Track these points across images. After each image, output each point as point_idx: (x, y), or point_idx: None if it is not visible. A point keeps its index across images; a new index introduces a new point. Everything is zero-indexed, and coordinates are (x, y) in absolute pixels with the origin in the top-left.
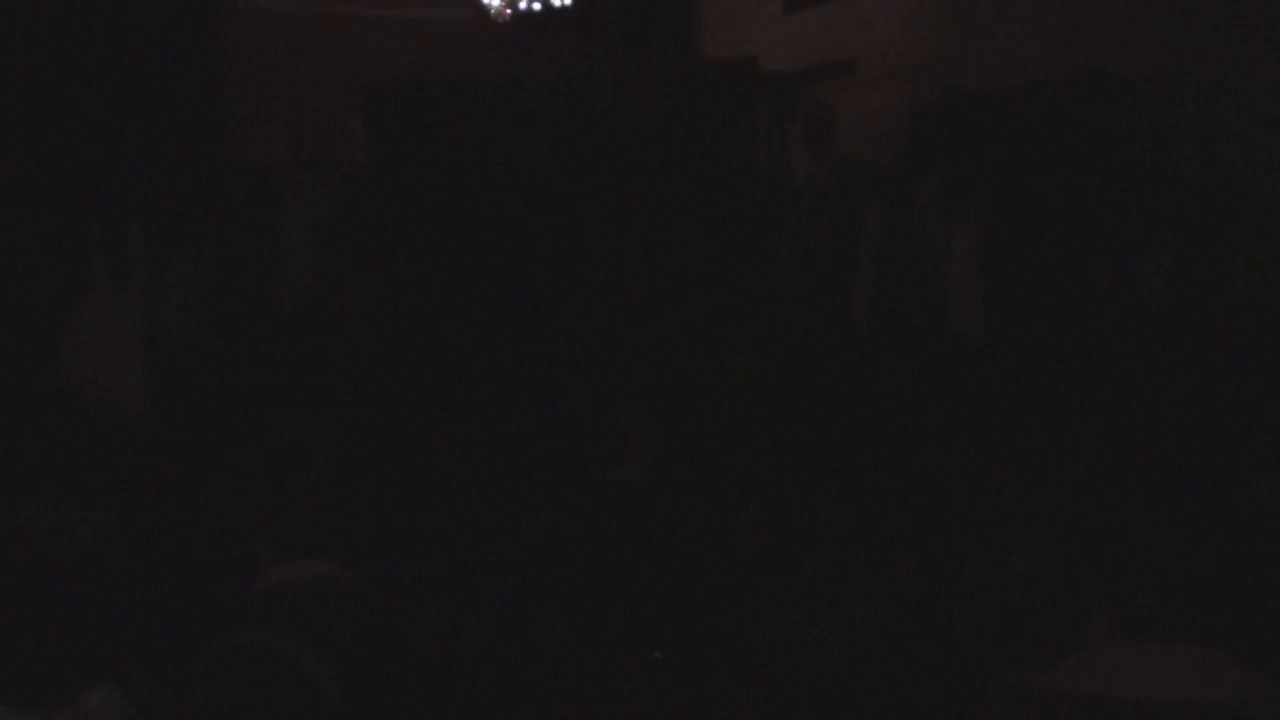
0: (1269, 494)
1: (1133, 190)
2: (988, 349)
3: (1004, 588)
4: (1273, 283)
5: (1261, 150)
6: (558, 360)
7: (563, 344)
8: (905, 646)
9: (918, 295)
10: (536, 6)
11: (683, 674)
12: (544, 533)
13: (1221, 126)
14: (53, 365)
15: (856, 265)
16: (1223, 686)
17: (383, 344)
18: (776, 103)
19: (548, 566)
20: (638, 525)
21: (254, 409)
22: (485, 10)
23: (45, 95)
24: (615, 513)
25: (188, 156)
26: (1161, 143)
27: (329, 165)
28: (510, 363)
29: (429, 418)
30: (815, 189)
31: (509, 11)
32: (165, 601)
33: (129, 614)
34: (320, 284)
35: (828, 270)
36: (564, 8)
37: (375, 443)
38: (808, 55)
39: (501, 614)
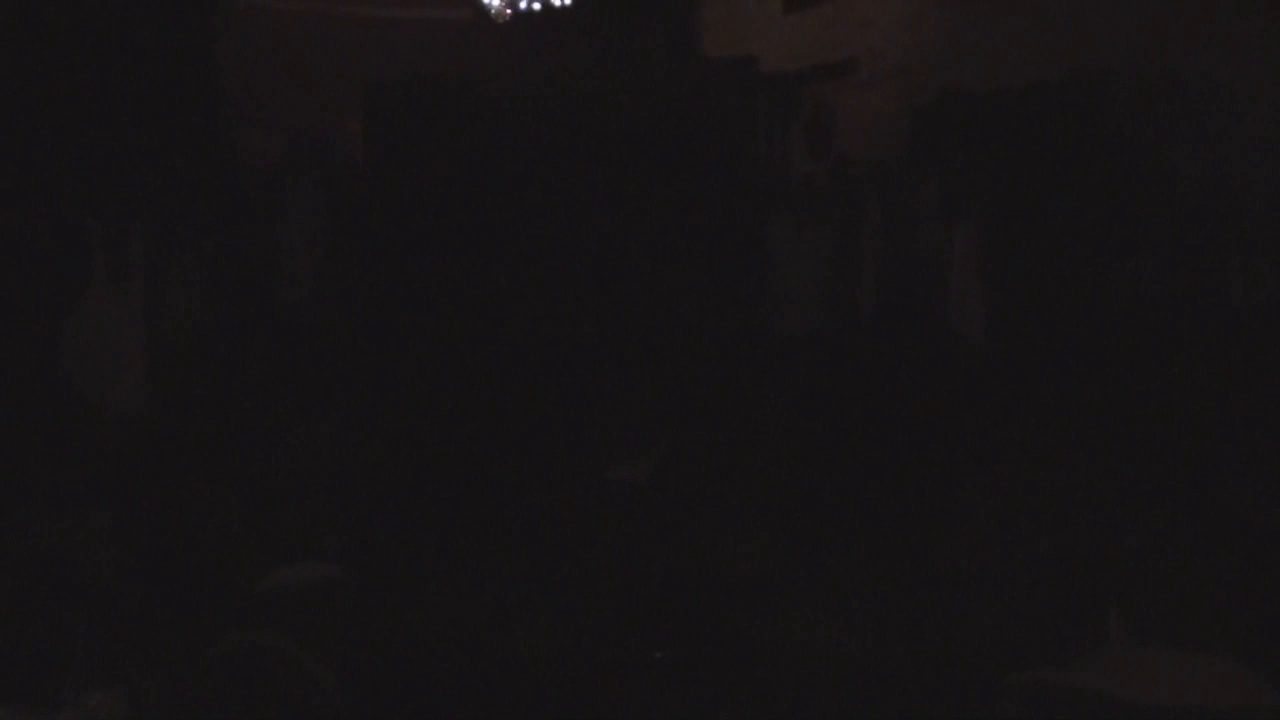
0: (1266, 496)
1: (1132, 190)
2: (987, 349)
3: (1006, 586)
4: (1273, 283)
5: (1261, 150)
6: (560, 359)
7: (565, 343)
8: (909, 646)
9: (918, 295)
10: (536, 6)
11: (683, 674)
12: (545, 532)
13: (1221, 126)
14: (53, 365)
15: (857, 265)
16: (1233, 694)
17: (382, 343)
18: (776, 103)
19: (548, 566)
20: (639, 525)
21: (253, 409)
22: (485, 10)
23: (45, 95)
24: (617, 512)
25: (187, 156)
26: (1161, 143)
27: (329, 165)
28: (512, 362)
29: (429, 417)
30: (815, 189)
31: (509, 11)
32: (165, 601)
33: (129, 614)
34: (320, 284)
35: (828, 270)
36: (564, 8)
37: (374, 442)
38: (808, 55)
39: (499, 613)
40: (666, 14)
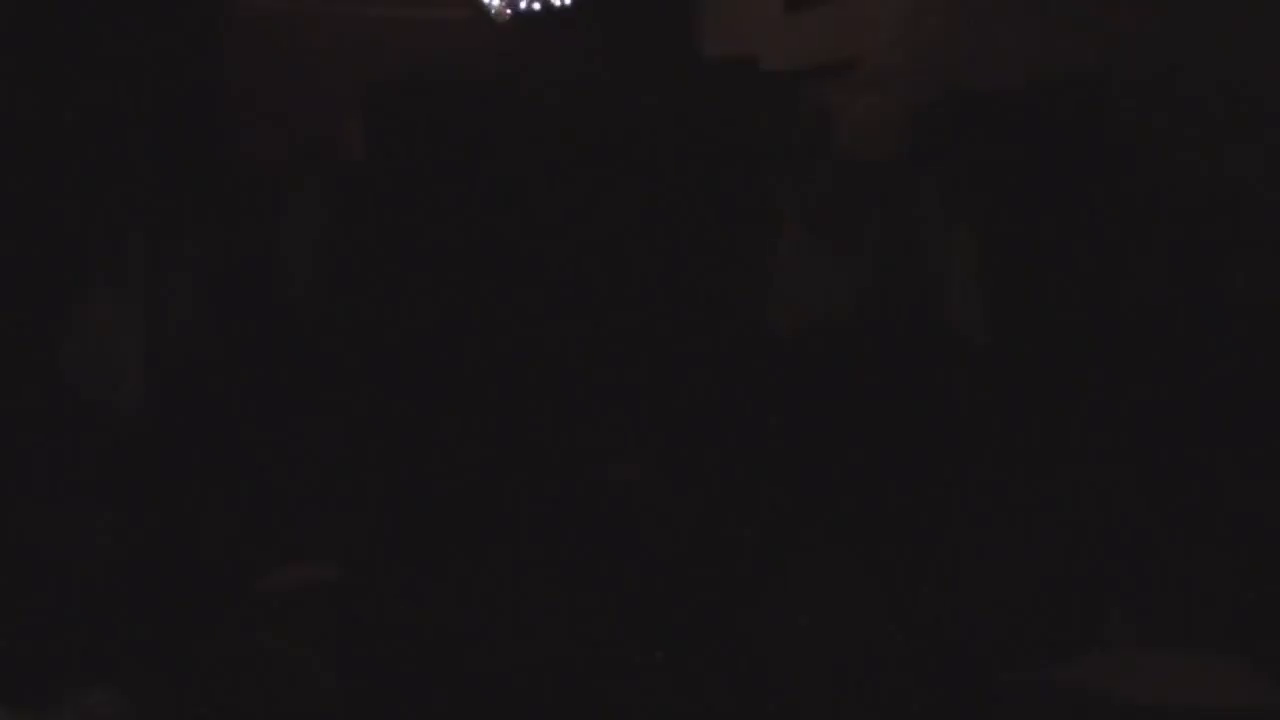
0: (1266, 497)
1: (1133, 190)
2: (988, 349)
3: (1005, 585)
4: (1273, 283)
5: (1261, 150)
6: (558, 360)
7: (563, 344)
8: (910, 646)
9: (918, 295)
10: (536, 6)
11: (683, 674)
12: (543, 532)
13: (1221, 126)
14: (53, 365)
15: (857, 265)
16: (1234, 694)
17: (382, 344)
18: (776, 103)
19: (547, 565)
20: (637, 525)
21: (254, 409)
22: (485, 10)
23: (45, 95)
24: (614, 512)
25: (188, 156)
26: (1161, 143)
27: (329, 165)
28: (510, 363)
29: (429, 418)
30: (815, 189)
31: (509, 12)
32: (165, 601)
33: (129, 614)
34: (320, 284)
35: (828, 270)
36: (564, 8)
37: (375, 443)
38: (808, 55)
39: (500, 612)
40: (666, 14)
